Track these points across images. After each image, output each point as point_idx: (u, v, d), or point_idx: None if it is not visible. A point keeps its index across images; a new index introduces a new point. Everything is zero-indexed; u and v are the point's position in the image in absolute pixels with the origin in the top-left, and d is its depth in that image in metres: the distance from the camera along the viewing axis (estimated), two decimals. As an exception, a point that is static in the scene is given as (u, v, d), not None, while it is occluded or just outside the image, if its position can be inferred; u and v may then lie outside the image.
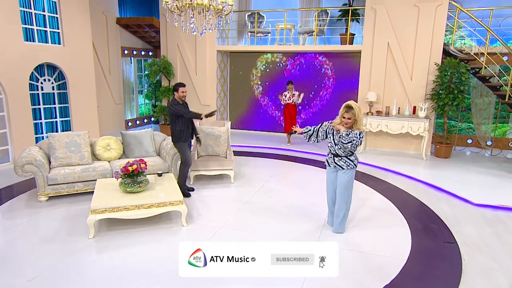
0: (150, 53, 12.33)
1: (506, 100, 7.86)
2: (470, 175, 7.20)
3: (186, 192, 5.70)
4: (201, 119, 5.68)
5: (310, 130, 4.54)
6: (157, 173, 5.42)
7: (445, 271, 3.77)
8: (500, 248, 4.33)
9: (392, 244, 4.34)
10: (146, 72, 12.30)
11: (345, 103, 4.25)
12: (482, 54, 8.15)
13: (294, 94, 9.02)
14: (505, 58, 8.15)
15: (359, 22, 9.69)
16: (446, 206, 5.65)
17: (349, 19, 9.06)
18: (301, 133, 4.65)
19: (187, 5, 4.61)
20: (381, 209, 5.42)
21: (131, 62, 11.73)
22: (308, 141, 4.59)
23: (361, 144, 4.37)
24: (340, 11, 9.59)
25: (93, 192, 5.57)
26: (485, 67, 8.01)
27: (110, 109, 10.68)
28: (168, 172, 6.06)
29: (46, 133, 8.29)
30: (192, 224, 4.70)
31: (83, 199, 5.51)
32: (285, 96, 9.12)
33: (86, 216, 4.74)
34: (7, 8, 6.80)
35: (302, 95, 9.22)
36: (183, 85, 5.61)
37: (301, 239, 4.41)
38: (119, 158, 6.35)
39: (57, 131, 8.50)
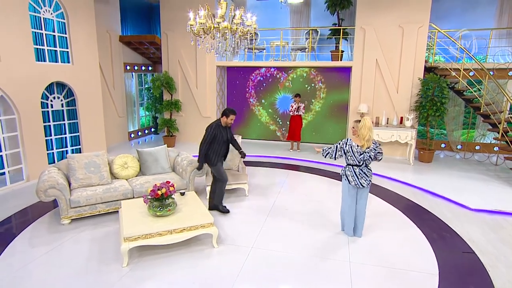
0: (150, 68, 11.61)
1: (481, 111, 7.83)
2: (455, 179, 7.06)
3: (225, 209, 5.23)
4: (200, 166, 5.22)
5: None
6: (180, 192, 4.87)
7: (478, 285, 3.49)
8: (513, 256, 4.13)
9: (417, 256, 4.03)
10: (146, 86, 11.62)
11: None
12: (456, 69, 8.09)
13: (300, 106, 8.66)
14: (471, 74, 8.11)
15: (347, 40, 9.44)
16: (447, 212, 5.44)
17: (340, 38, 8.77)
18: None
19: (212, 27, 4.10)
20: (393, 218, 5.13)
21: (132, 77, 10.98)
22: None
23: (336, 150, 4.28)
24: (330, 30, 9.29)
25: (115, 212, 5.05)
26: (461, 82, 7.95)
27: (114, 122, 9.93)
28: (186, 189, 5.55)
29: (56, 149, 7.55)
30: (222, 245, 4.21)
31: (105, 220, 4.91)
32: (292, 107, 8.75)
33: (114, 240, 4.28)
34: (20, 30, 6.05)
35: (302, 105, 8.84)
36: (235, 113, 5.01)
37: (332, 248, 4.05)
38: (136, 176, 5.76)
39: (66, 147, 7.75)
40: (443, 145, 9.68)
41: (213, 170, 5.20)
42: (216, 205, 5.23)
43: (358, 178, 4.20)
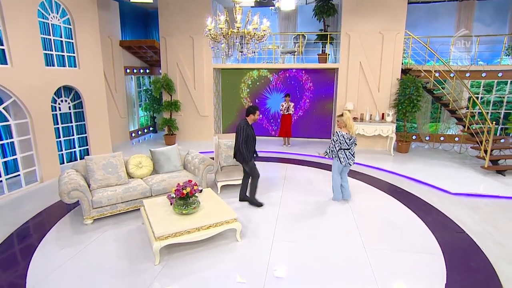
0: (147, 71, 11.05)
1: (449, 107, 8.03)
2: (430, 166, 7.18)
3: (259, 202, 5.03)
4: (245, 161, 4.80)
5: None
6: (198, 190, 4.61)
7: (478, 263, 3.54)
8: (497, 233, 4.21)
9: (420, 239, 4.04)
10: (145, 88, 11.08)
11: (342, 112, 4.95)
12: (427, 71, 8.24)
13: (289, 105, 8.50)
14: (438, 75, 8.30)
15: (332, 44, 9.37)
16: (433, 196, 5.52)
17: (328, 42, 8.68)
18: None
19: (230, 32, 3.86)
20: (390, 204, 5.12)
21: (132, 79, 10.41)
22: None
23: (335, 145, 4.84)
24: (317, 35, 9.18)
25: (134, 210, 4.74)
26: (432, 81, 8.11)
27: (117, 123, 9.39)
28: (199, 186, 5.29)
29: (65, 150, 7.04)
30: (245, 239, 4.02)
31: (126, 218, 4.59)
32: (282, 107, 8.57)
33: (138, 238, 4.04)
34: (30, 36, 5.51)
35: (292, 104, 8.68)
36: (258, 109, 4.74)
37: (347, 235, 3.97)
38: (150, 174, 5.43)
39: (74, 148, 7.24)
40: (414, 137, 9.90)
41: (246, 168, 4.91)
42: (251, 199, 5.05)
43: (348, 158, 4.91)
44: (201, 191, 4.57)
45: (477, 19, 9.56)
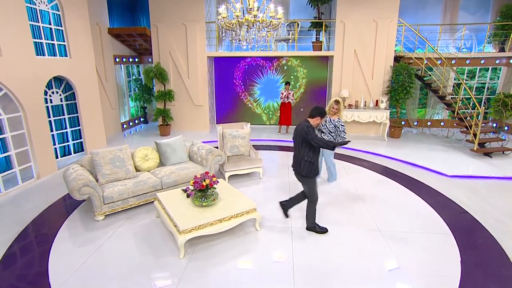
0: (137, 60, 10.56)
1: (440, 93, 8.27)
2: (423, 151, 7.41)
3: (323, 228, 3.90)
4: (333, 149, 3.68)
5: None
6: (217, 181, 4.50)
7: (484, 239, 3.73)
8: (496, 212, 4.43)
9: (428, 219, 4.19)
10: (134, 77, 10.61)
11: (334, 99, 5.01)
12: (418, 58, 8.41)
13: (289, 93, 8.41)
14: (425, 62, 8.50)
15: (326, 32, 9.30)
16: (431, 179, 5.71)
17: (323, 30, 8.61)
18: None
19: (244, 20, 3.71)
20: (393, 188, 5.25)
21: (121, 69, 9.92)
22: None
23: (344, 130, 5.08)
24: (311, 23, 9.07)
25: (144, 204, 4.60)
26: (423, 69, 8.29)
27: (108, 114, 8.96)
28: (209, 176, 5.18)
29: (58, 144, 6.67)
30: (263, 227, 4.01)
31: (137, 213, 4.45)
32: (282, 95, 8.48)
33: (156, 232, 3.96)
34: (18, 22, 5.04)
35: (292, 92, 8.60)
36: (325, 114, 3.65)
37: (357, 218, 4.05)
38: (157, 167, 5.27)
39: (68, 141, 6.88)
40: (403, 123, 10.17)
41: (307, 184, 3.73)
42: (311, 225, 3.93)
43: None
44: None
45: (462, 8, 9.80)
